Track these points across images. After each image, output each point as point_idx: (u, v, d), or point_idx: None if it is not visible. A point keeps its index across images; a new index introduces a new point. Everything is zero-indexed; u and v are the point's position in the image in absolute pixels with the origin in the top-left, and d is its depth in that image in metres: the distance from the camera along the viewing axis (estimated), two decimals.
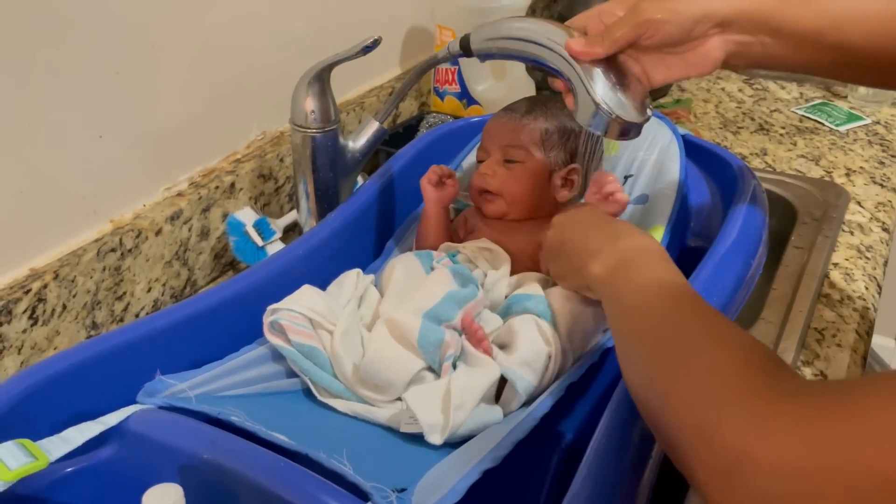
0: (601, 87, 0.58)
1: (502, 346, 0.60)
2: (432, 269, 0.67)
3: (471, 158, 0.86)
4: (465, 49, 0.68)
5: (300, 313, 0.58)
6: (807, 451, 0.32)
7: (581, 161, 0.75)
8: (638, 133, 0.61)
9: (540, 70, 0.65)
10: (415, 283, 0.63)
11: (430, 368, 0.57)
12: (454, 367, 0.57)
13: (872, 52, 0.58)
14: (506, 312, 0.63)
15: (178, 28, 0.79)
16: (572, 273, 0.60)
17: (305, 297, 0.60)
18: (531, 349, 0.58)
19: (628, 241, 0.55)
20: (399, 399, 0.56)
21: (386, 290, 0.65)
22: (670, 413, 0.40)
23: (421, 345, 0.56)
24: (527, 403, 0.57)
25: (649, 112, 0.61)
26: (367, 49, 0.76)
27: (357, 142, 0.85)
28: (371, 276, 0.68)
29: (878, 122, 1.18)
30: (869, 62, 0.58)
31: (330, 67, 0.78)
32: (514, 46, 0.64)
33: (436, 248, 0.74)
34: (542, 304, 0.60)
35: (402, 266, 0.67)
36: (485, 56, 0.68)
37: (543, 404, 0.54)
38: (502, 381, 0.57)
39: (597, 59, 0.59)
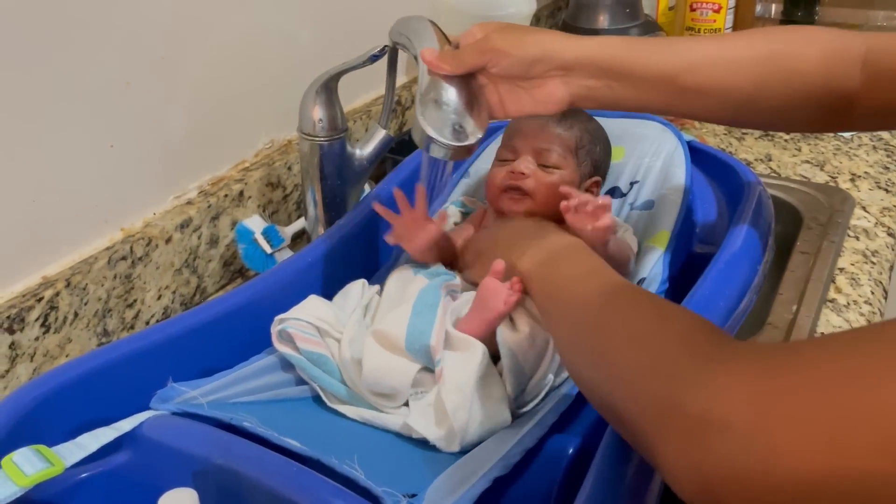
0: (436, 106, 0.58)
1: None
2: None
3: (479, 164, 0.87)
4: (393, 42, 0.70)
5: (307, 322, 0.59)
6: (764, 406, 0.32)
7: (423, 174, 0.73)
8: (459, 155, 0.59)
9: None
10: (403, 292, 0.64)
11: (426, 368, 0.58)
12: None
13: (741, 94, 0.59)
14: None
15: (188, 39, 0.80)
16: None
17: (312, 307, 0.61)
18: (531, 332, 0.57)
19: (553, 238, 0.58)
20: (406, 404, 0.56)
21: (382, 303, 0.65)
22: (624, 391, 0.40)
23: (409, 350, 0.57)
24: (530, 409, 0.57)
25: (474, 140, 0.59)
26: (375, 58, 0.76)
27: (364, 149, 0.86)
28: (376, 287, 0.68)
29: None
30: (740, 105, 0.60)
31: (338, 76, 0.79)
32: (401, 41, 0.66)
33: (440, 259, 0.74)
34: None
35: (395, 278, 0.66)
36: (396, 45, 0.70)
37: (552, 412, 0.55)
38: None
39: (450, 76, 0.59)
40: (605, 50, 0.59)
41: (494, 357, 0.58)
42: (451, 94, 0.59)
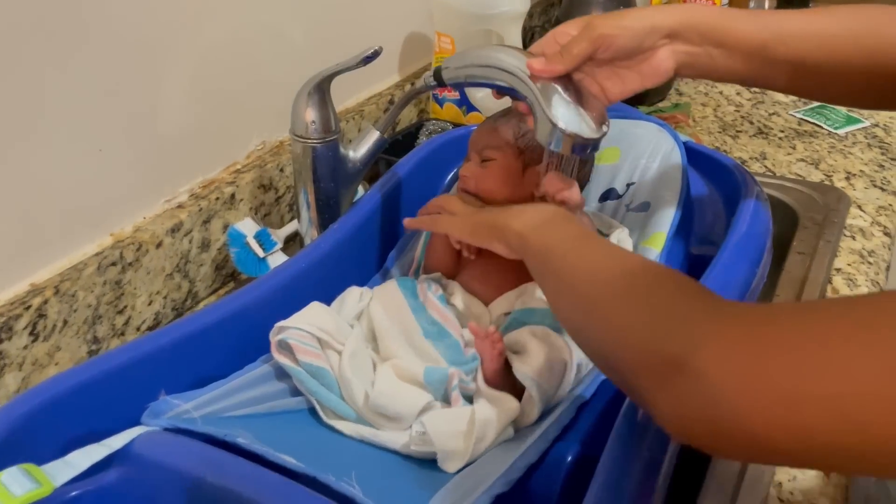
0: (558, 106, 0.60)
1: (516, 353, 0.60)
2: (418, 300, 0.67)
3: None
4: (439, 80, 0.70)
5: (308, 332, 0.58)
6: (735, 363, 0.35)
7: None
8: (596, 149, 0.63)
9: (504, 94, 0.68)
10: (399, 326, 0.63)
11: (436, 399, 0.57)
12: (467, 400, 0.57)
13: (825, 68, 0.61)
14: (510, 328, 0.62)
15: (179, 41, 0.78)
16: (487, 228, 0.61)
17: (314, 315, 0.60)
18: (547, 357, 0.57)
19: (543, 207, 0.60)
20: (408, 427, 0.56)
21: (375, 330, 0.64)
22: (617, 340, 0.43)
23: (428, 382, 0.57)
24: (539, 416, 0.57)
25: (605, 128, 0.62)
26: (368, 59, 0.75)
27: (358, 151, 0.84)
28: (371, 293, 0.67)
29: (876, 125, 1.18)
30: (823, 78, 0.62)
31: (330, 78, 0.78)
32: (479, 73, 0.66)
33: (442, 265, 0.73)
34: (549, 317, 0.60)
35: (381, 302, 0.66)
36: (456, 85, 0.71)
37: (556, 425, 0.54)
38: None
39: (555, 78, 0.61)
40: (702, 16, 0.61)
41: None
42: (569, 92, 0.61)
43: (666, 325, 0.40)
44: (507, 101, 0.71)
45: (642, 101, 1.25)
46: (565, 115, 0.60)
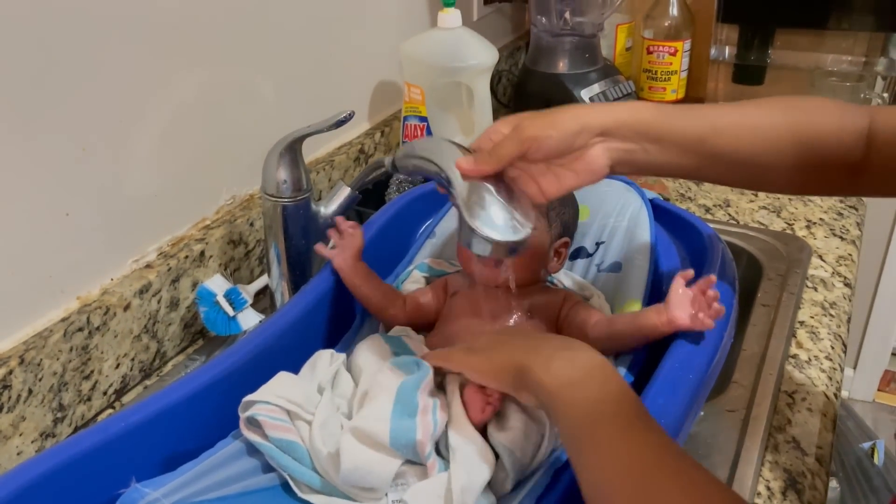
0: (481, 208, 0.59)
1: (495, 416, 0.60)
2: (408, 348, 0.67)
3: (445, 224, 0.86)
4: (394, 167, 0.71)
5: (277, 405, 0.58)
6: None
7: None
8: (517, 251, 0.61)
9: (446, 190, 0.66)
10: (378, 364, 0.63)
11: (409, 461, 0.57)
12: (440, 455, 0.57)
13: (761, 159, 0.61)
14: None
15: (147, 100, 0.78)
16: (511, 375, 0.56)
17: (281, 387, 0.59)
18: (524, 427, 0.57)
19: (579, 353, 0.54)
20: (386, 495, 0.55)
21: (347, 386, 0.64)
22: None
23: (394, 446, 0.56)
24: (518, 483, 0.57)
25: (528, 230, 0.60)
26: (340, 123, 0.76)
27: (329, 207, 0.85)
28: (342, 356, 0.67)
29: None
30: (759, 169, 0.62)
31: (301, 139, 0.78)
32: (421, 165, 0.66)
33: (377, 309, 0.74)
34: None
35: (364, 357, 0.65)
36: (406, 173, 0.70)
37: (535, 490, 0.54)
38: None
39: (486, 176, 0.60)
40: (637, 113, 0.61)
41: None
42: (493, 194, 0.60)
43: None
44: None
45: None
46: (486, 218, 0.59)
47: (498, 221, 0.59)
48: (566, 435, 0.50)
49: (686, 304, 0.64)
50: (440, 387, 0.61)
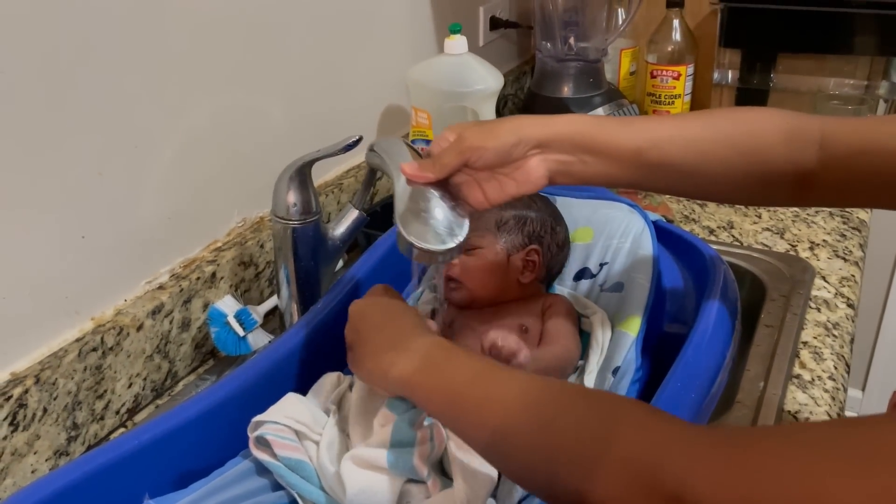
0: (415, 216, 0.60)
1: None
2: None
3: None
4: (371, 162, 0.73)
5: (285, 425, 0.59)
6: (722, 493, 0.36)
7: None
8: (452, 258, 0.62)
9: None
10: (371, 403, 0.63)
11: (412, 480, 0.58)
12: (444, 471, 0.58)
13: (701, 170, 0.62)
14: None
15: (161, 126, 0.80)
16: (366, 374, 0.60)
17: (290, 407, 0.61)
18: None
19: (414, 344, 0.56)
20: None
21: (349, 411, 0.65)
22: (575, 471, 0.41)
23: (392, 469, 0.57)
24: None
25: (459, 239, 0.61)
26: (349, 147, 0.77)
27: (337, 229, 0.86)
28: (349, 378, 0.69)
29: None
30: (700, 179, 0.63)
31: (311, 163, 0.80)
32: (377, 162, 0.68)
33: None
34: None
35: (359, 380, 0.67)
36: (373, 166, 0.73)
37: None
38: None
39: (430, 182, 0.62)
40: (575, 126, 0.63)
41: None
42: (435, 200, 0.61)
43: (653, 457, 0.39)
44: None
45: None
46: (418, 227, 0.60)
47: (429, 230, 0.60)
48: (440, 413, 0.52)
49: None
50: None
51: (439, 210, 0.61)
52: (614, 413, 0.43)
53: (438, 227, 0.60)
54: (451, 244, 0.60)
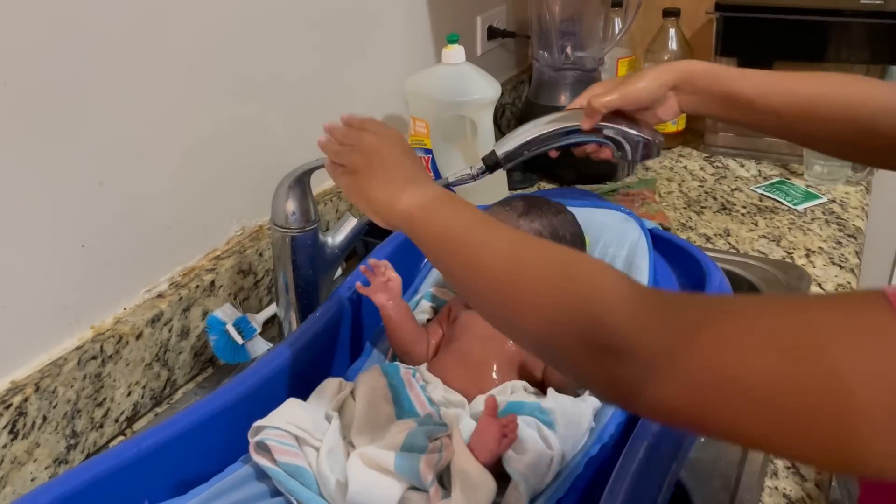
0: (631, 129, 0.76)
1: None
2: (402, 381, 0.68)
3: None
4: (493, 166, 0.78)
5: (286, 431, 0.59)
6: (666, 351, 0.40)
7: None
8: (659, 152, 0.78)
9: (561, 150, 0.79)
10: (377, 410, 0.64)
11: (413, 488, 0.58)
12: (442, 484, 0.58)
13: (801, 127, 0.71)
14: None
15: (162, 136, 0.81)
16: (364, 201, 0.63)
17: (290, 413, 0.61)
18: (537, 452, 0.59)
19: (423, 185, 0.60)
20: None
21: (354, 414, 0.65)
22: (548, 321, 0.45)
23: (399, 471, 0.57)
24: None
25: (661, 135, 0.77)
26: None
27: (336, 238, 0.87)
28: (350, 385, 0.69)
29: (833, 201, 1.23)
30: (798, 134, 0.73)
31: (310, 172, 0.81)
32: (540, 142, 0.77)
33: (410, 345, 0.75)
34: (537, 409, 0.62)
35: (364, 387, 0.67)
36: (511, 161, 0.78)
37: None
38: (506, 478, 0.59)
39: (606, 116, 0.75)
40: (701, 67, 0.76)
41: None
42: (630, 122, 0.77)
43: (600, 308, 0.43)
44: (493, 181, 0.73)
45: (611, 177, 1.29)
46: (639, 131, 0.75)
47: (643, 133, 0.77)
48: (433, 249, 0.56)
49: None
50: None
51: (634, 125, 0.77)
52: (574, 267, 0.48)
53: (646, 129, 0.78)
54: (661, 136, 0.79)
